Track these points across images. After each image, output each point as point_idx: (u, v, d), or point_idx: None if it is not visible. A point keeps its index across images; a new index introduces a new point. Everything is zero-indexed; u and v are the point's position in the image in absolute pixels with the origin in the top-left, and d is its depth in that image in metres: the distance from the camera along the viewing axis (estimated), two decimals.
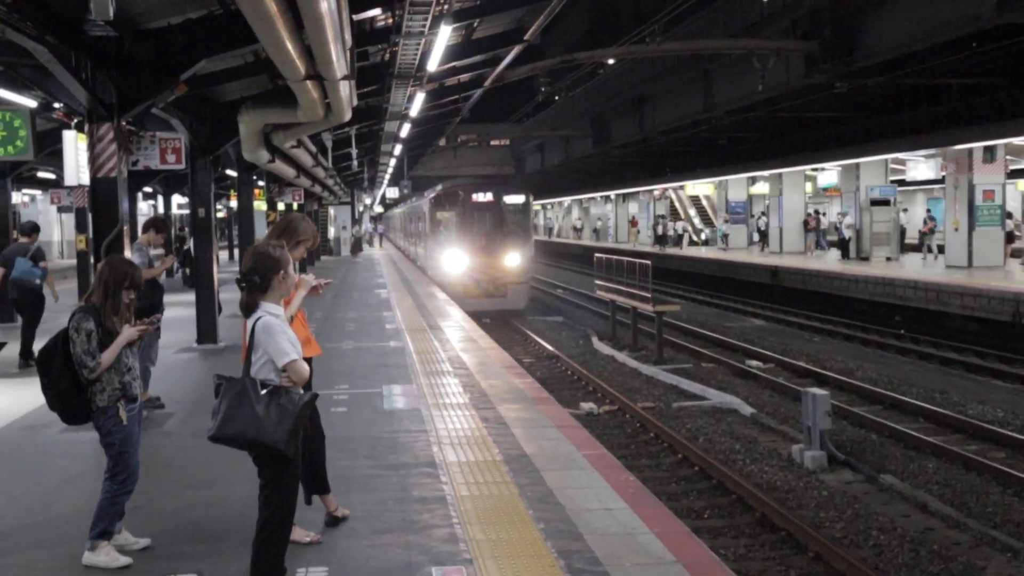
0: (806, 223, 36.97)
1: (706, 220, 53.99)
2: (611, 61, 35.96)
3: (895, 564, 8.92)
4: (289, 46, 8.93)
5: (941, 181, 31.40)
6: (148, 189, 34.12)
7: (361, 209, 57.73)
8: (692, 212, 55.08)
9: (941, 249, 29.40)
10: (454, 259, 26.91)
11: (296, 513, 5.12)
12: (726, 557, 8.98)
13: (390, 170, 43.30)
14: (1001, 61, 22.51)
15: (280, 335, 4.69)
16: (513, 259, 26.90)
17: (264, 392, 4.61)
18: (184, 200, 34.84)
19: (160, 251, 10.14)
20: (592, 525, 5.91)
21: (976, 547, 9.25)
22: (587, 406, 14.99)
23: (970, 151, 26.24)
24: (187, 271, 15.34)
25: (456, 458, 7.51)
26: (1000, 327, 20.32)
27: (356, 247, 47.23)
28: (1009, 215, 30.55)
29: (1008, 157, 28.46)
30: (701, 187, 47.42)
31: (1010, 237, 29.79)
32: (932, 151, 29.38)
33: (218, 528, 5.99)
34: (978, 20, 16.70)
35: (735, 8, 26.64)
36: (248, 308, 4.77)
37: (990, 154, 26.33)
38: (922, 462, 12.16)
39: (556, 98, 58.63)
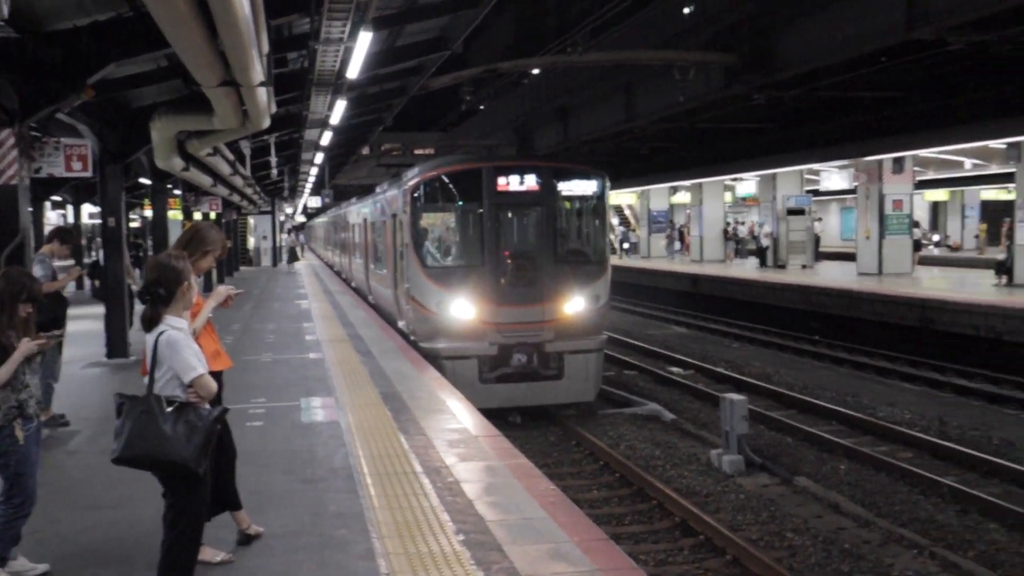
0: (726, 232, 37.60)
1: (630, 230, 54.51)
2: (535, 71, 36.09)
3: (808, 564, 9.09)
4: (203, 51, 8.70)
5: (853, 191, 32.19)
6: (57, 198, 33.10)
7: (282, 219, 56.95)
8: (615, 221, 55.57)
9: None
10: (456, 304, 14.46)
11: (206, 532, 4.97)
12: (646, 563, 9.03)
13: (311, 179, 42.72)
14: (910, 75, 23.15)
15: (185, 349, 4.54)
16: (574, 304, 14.61)
17: (170, 409, 4.46)
18: (96, 210, 33.92)
19: (68, 262, 9.80)
20: (513, 535, 5.85)
21: (884, 545, 9.49)
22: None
23: (880, 162, 27.00)
24: (96, 283, 14.91)
25: (375, 471, 7.39)
26: (909, 332, 20.87)
27: (292, 257, 46.53)
28: (917, 224, 31.49)
29: (916, 168, 29.34)
30: (624, 196, 47.87)
31: (917, 245, 30.67)
32: (845, 162, 30.12)
33: (123, 551, 5.77)
34: (887, 36, 17.12)
35: (657, 20, 26.94)
36: (151, 322, 4.61)
37: (899, 165, 27.13)
38: (835, 464, 12.43)
39: (481, 107, 58.72)
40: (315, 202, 49.09)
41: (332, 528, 6.08)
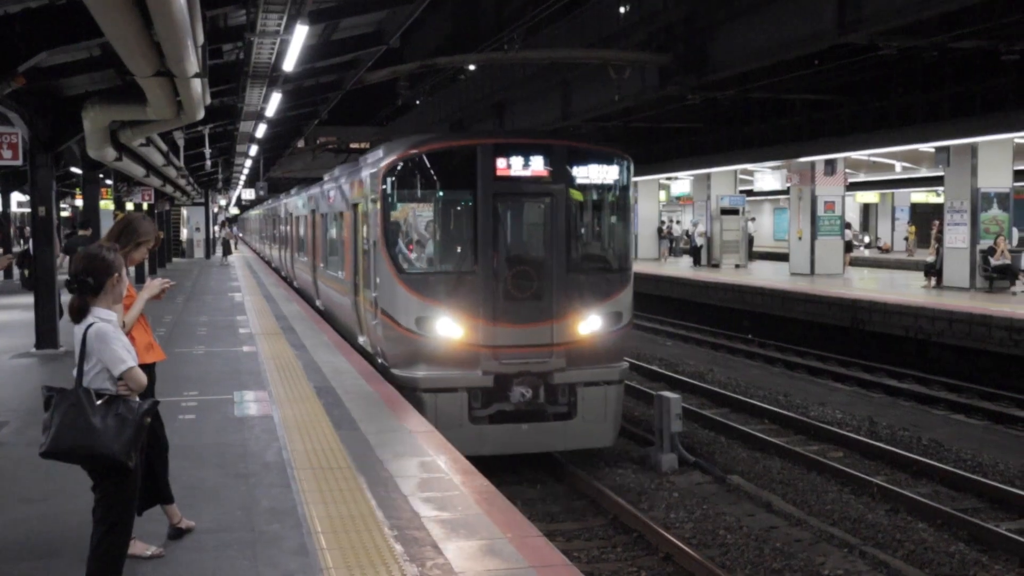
0: (660, 230, 38.02)
1: None
2: (472, 67, 36.10)
3: (740, 562, 9.24)
4: (137, 41, 8.57)
5: (786, 192, 32.80)
6: None
7: (216, 210, 56.12)
8: None
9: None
10: (441, 320, 11.54)
11: (136, 526, 4.91)
12: (579, 560, 9.12)
13: (246, 171, 42.21)
14: (842, 79, 23.67)
15: (115, 342, 4.48)
16: (591, 323, 11.86)
17: (100, 402, 4.40)
18: (25, 198, 33.10)
19: None
20: (447, 531, 5.87)
21: (815, 544, 9.68)
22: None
23: (813, 164, 27.56)
24: (26, 272, 14.61)
25: (309, 465, 7.35)
26: (840, 332, 21.33)
27: (226, 249, 45.85)
28: (848, 225, 32.20)
29: (847, 170, 29.99)
30: None
31: (849, 246, 31.36)
32: (778, 163, 30.67)
33: (52, 544, 5.68)
34: (820, 40, 17.48)
35: (593, 19, 27.12)
36: (79, 312, 4.54)
37: (831, 167, 27.73)
38: (767, 462, 12.64)
39: (417, 102, 58.50)
40: (249, 194, 48.51)
41: (265, 523, 6.04)
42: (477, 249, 11.47)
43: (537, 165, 11.66)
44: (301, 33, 11.50)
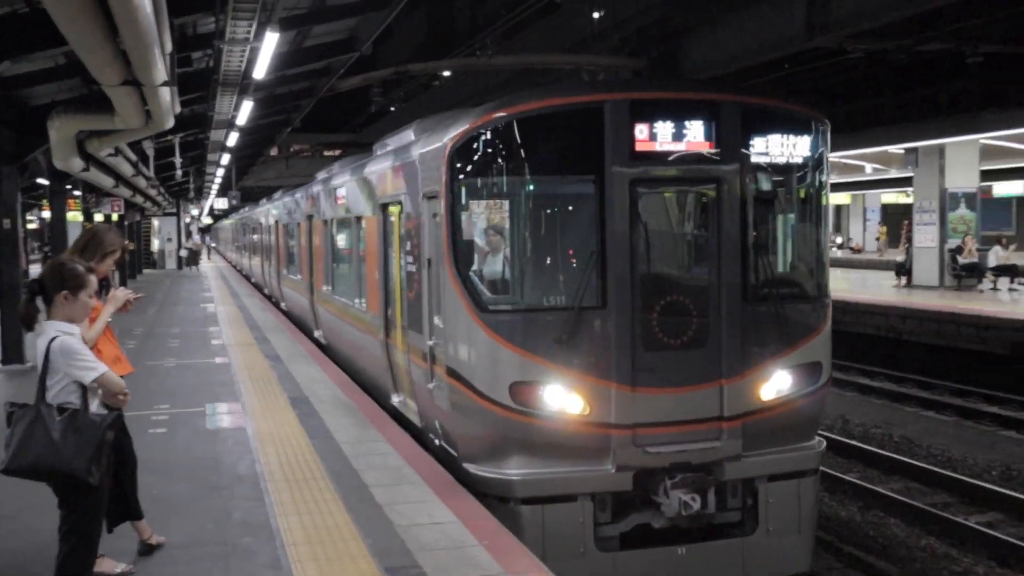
0: None
1: None
2: (447, 73, 36.05)
3: None
4: (102, 49, 8.47)
5: None
6: None
7: (187, 220, 55.76)
8: None
9: None
10: (550, 387, 7.30)
11: (106, 543, 4.83)
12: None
13: (218, 180, 41.93)
14: (812, 82, 23.84)
15: (80, 352, 4.40)
16: (777, 381, 7.78)
17: (61, 417, 4.30)
18: None
19: None
20: (421, 540, 5.82)
21: None
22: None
23: None
24: None
25: (283, 477, 7.27)
26: None
27: (191, 259, 45.54)
28: None
29: None
30: None
31: None
32: None
33: (18, 563, 5.59)
34: (789, 43, 17.56)
35: (567, 24, 27.17)
36: (25, 318, 4.44)
37: None
38: None
39: (391, 108, 58.39)
40: (222, 203, 48.26)
41: (237, 536, 5.96)
42: (605, 271, 7.40)
43: (697, 134, 7.64)
44: (271, 40, 11.41)
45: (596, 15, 25.31)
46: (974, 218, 23.37)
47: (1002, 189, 35.76)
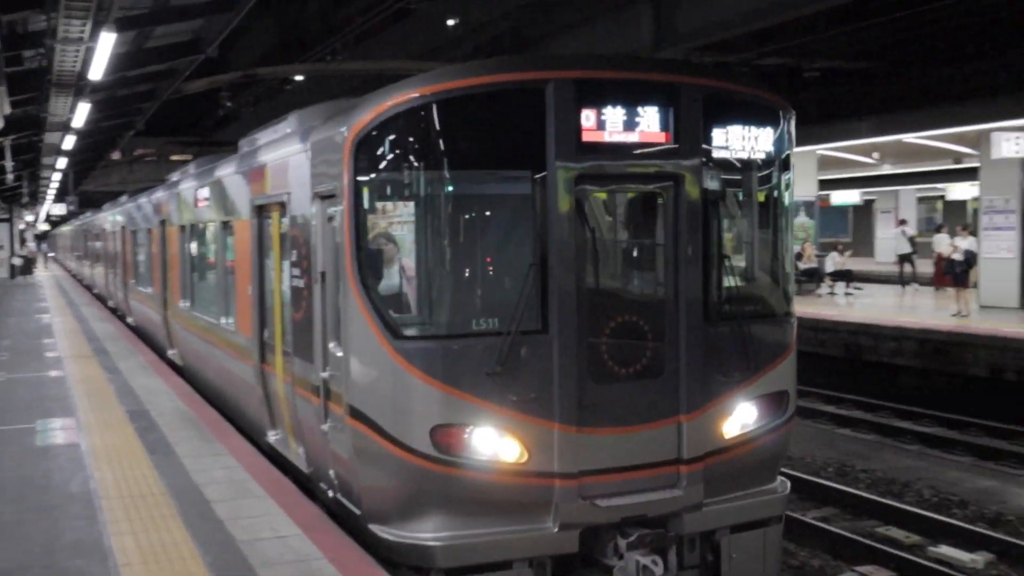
0: None
1: None
2: (299, 77, 35.43)
3: None
4: None
5: None
6: None
7: (22, 227, 53.03)
8: None
9: None
10: (480, 430, 5.97)
11: None
12: None
13: (55, 185, 40.04)
14: None
15: None
16: (741, 415, 6.71)
17: None
18: None
19: None
20: (265, 555, 5.69)
21: None
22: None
23: None
24: None
25: (118, 495, 6.98)
26: None
27: (25, 268, 43.23)
28: None
29: None
30: None
31: None
32: None
33: None
34: (637, 53, 18.05)
35: (421, 30, 27.13)
36: None
37: None
38: None
39: (242, 111, 57.09)
40: (59, 209, 46.14)
41: (66, 559, 5.69)
42: (546, 287, 6.12)
43: (652, 123, 6.40)
44: (108, 41, 10.96)
45: (450, 22, 25.39)
46: (813, 225, 24.50)
47: (839, 198, 37.66)
